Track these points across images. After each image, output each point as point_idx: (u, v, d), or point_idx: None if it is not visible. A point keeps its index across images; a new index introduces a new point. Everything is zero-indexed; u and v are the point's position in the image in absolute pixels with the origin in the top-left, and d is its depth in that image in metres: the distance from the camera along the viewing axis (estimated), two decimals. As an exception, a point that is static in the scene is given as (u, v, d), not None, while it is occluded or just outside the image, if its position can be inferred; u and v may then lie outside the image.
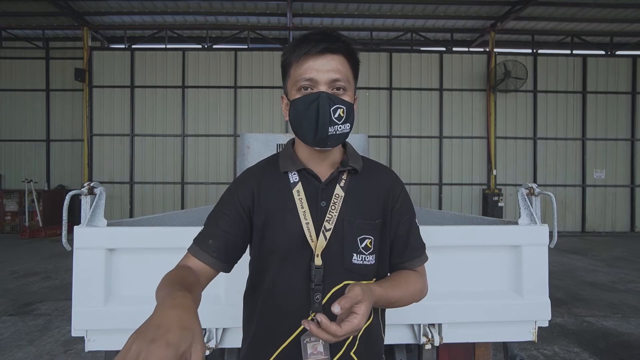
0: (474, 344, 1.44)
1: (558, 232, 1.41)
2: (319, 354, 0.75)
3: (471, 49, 10.61)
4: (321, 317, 0.62)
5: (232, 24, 10.05)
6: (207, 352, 1.29)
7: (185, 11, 9.47)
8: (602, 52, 10.54)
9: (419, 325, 1.31)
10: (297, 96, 0.80)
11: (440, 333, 1.30)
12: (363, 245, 0.81)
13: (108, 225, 1.33)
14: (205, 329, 1.29)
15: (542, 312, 1.31)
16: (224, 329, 1.31)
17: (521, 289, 1.31)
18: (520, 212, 1.37)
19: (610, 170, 10.41)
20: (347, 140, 0.88)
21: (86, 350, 1.28)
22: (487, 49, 10.15)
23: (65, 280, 5.00)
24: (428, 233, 1.29)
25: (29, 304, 4.06)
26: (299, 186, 0.83)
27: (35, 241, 8.34)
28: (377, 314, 0.87)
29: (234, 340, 1.32)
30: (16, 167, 10.33)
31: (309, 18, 9.79)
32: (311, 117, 0.78)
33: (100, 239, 1.28)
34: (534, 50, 10.44)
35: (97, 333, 1.28)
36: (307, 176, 0.84)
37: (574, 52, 10.46)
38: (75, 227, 1.31)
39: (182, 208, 9.90)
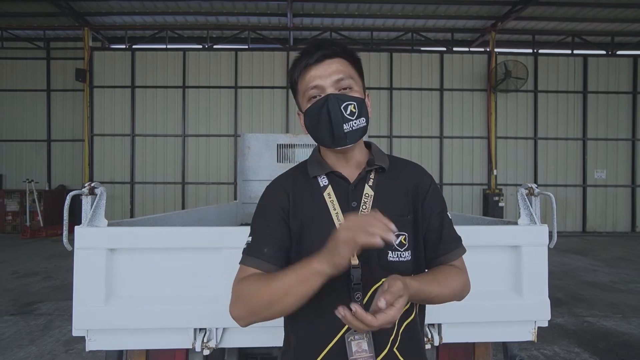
0: (473, 344, 1.44)
1: (558, 232, 1.42)
2: (364, 351, 0.76)
3: (472, 49, 10.60)
4: (355, 307, 0.63)
5: (232, 24, 10.06)
6: (207, 352, 1.29)
7: (186, 11, 9.48)
8: (603, 52, 10.53)
9: (419, 325, 1.31)
10: (308, 105, 0.83)
11: (440, 333, 1.30)
12: (397, 241, 0.82)
13: (109, 225, 1.33)
14: (205, 329, 1.30)
15: (541, 312, 1.31)
16: (224, 329, 1.31)
17: (521, 289, 1.31)
18: (520, 212, 1.37)
19: (611, 170, 10.40)
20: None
21: (87, 349, 1.29)
22: (488, 49, 10.14)
23: (66, 280, 5.01)
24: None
25: (30, 304, 4.07)
26: (329, 189, 0.85)
27: (36, 241, 8.36)
28: (415, 309, 0.86)
29: (234, 340, 1.32)
30: (17, 167, 10.35)
31: (310, 18, 9.79)
32: (325, 120, 0.81)
33: (101, 239, 1.28)
34: (535, 50, 10.43)
35: (98, 333, 1.29)
36: (335, 179, 0.87)
37: (575, 52, 10.45)
38: (76, 227, 1.32)
39: (183, 208, 9.91)
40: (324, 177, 0.87)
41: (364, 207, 0.83)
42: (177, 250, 1.31)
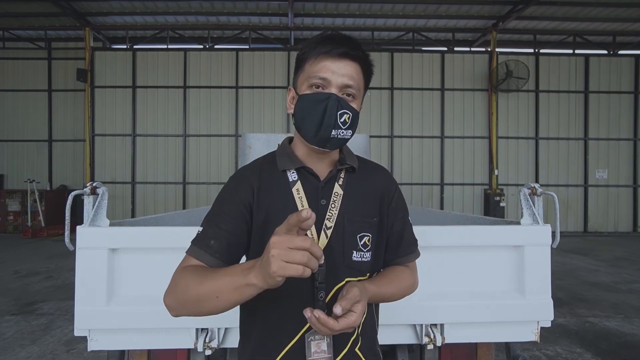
0: (476, 344, 1.44)
1: (560, 232, 1.41)
2: (322, 352, 0.76)
3: (473, 49, 10.58)
4: (318, 313, 0.65)
5: (233, 24, 10.06)
6: (209, 352, 1.29)
7: (187, 11, 9.48)
8: (605, 52, 10.50)
9: (421, 325, 1.31)
10: (308, 92, 0.80)
11: (442, 333, 1.30)
12: (362, 242, 0.82)
13: (110, 225, 1.33)
14: (207, 329, 1.29)
15: (544, 313, 1.31)
16: (226, 329, 1.31)
17: (524, 289, 1.31)
18: (522, 212, 1.37)
19: (612, 170, 10.37)
20: None
21: (88, 349, 1.29)
22: (489, 49, 10.13)
23: (67, 280, 5.02)
24: (431, 233, 1.30)
25: (31, 304, 4.07)
26: (298, 184, 0.83)
27: (38, 241, 8.37)
28: (372, 309, 0.89)
29: (236, 340, 1.32)
30: (18, 167, 10.37)
31: (310, 18, 9.79)
32: (317, 116, 0.78)
33: (103, 238, 1.28)
34: (536, 50, 10.40)
35: (100, 333, 1.29)
36: (305, 175, 0.84)
37: (576, 51, 10.42)
38: (77, 227, 1.32)
39: (184, 208, 9.92)
40: (293, 172, 0.84)
41: (332, 205, 0.82)
42: (179, 250, 1.30)
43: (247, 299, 0.66)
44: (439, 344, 1.29)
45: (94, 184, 1.35)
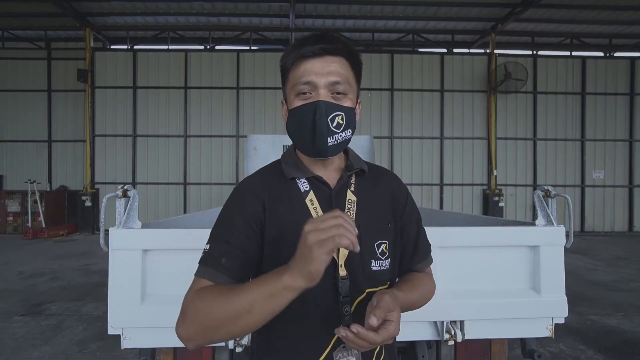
0: (490, 340, 1.50)
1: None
2: None
3: (472, 51, 10.69)
4: (357, 327, 0.61)
5: (234, 25, 10.09)
6: (240, 349, 1.34)
7: (188, 12, 9.49)
8: (601, 54, 10.65)
9: (442, 322, 1.36)
10: (296, 103, 0.76)
11: (462, 329, 1.36)
12: (380, 250, 0.79)
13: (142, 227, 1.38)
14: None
15: (559, 309, 1.37)
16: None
17: (539, 287, 1.37)
18: (537, 214, 1.43)
19: (609, 171, 10.51)
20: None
21: (122, 347, 1.32)
22: (488, 51, 10.23)
23: (73, 281, 5.03)
24: (452, 234, 1.36)
25: (39, 304, 4.09)
26: (312, 195, 0.78)
27: (39, 242, 8.35)
28: None
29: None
30: (18, 168, 10.32)
31: (311, 19, 9.84)
32: (308, 129, 0.74)
33: (136, 240, 1.33)
34: (534, 52, 10.53)
35: (133, 331, 1.33)
36: (316, 184, 0.80)
37: (574, 53, 10.56)
38: (110, 229, 1.36)
39: (185, 209, 9.94)
40: (304, 182, 0.80)
41: (348, 213, 0.78)
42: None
43: (283, 307, 0.61)
44: (459, 340, 1.34)
45: (125, 187, 1.40)
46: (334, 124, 0.74)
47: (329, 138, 0.74)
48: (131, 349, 1.38)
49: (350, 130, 0.78)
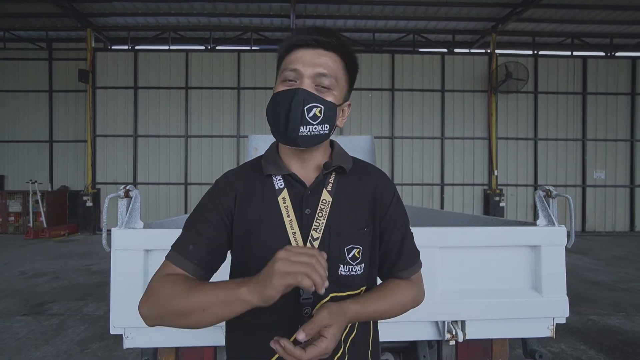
0: (491, 340, 1.50)
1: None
2: None
3: (472, 51, 10.68)
4: (284, 342, 0.60)
5: (235, 25, 10.10)
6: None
7: (189, 12, 9.50)
8: (602, 54, 10.64)
9: (444, 322, 1.36)
10: (279, 88, 0.76)
11: (464, 329, 1.36)
12: (350, 255, 0.76)
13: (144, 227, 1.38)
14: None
15: (560, 309, 1.38)
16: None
17: (540, 287, 1.37)
18: (538, 214, 1.43)
19: (610, 171, 10.50)
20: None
21: (124, 347, 1.33)
22: (489, 51, 10.23)
23: (74, 281, 5.04)
24: (453, 234, 1.36)
25: (41, 304, 4.10)
26: (285, 193, 0.78)
27: (40, 242, 8.37)
28: (367, 325, 0.82)
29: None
30: (19, 168, 10.34)
31: (312, 19, 9.83)
32: (283, 114, 0.73)
33: (138, 240, 1.33)
34: (535, 52, 10.52)
35: (135, 331, 1.34)
36: (291, 181, 0.79)
37: (575, 53, 10.55)
38: (113, 229, 1.36)
39: (186, 209, 9.95)
40: (279, 179, 0.79)
41: (320, 214, 0.76)
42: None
43: (235, 315, 0.63)
44: (460, 339, 1.35)
45: (127, 187, 1.40)
46: (310, 114, 0.73)
47: (301, 127, 0.72)
48: (133, 349, 1.39)
49: (327, 125, 0.75)
